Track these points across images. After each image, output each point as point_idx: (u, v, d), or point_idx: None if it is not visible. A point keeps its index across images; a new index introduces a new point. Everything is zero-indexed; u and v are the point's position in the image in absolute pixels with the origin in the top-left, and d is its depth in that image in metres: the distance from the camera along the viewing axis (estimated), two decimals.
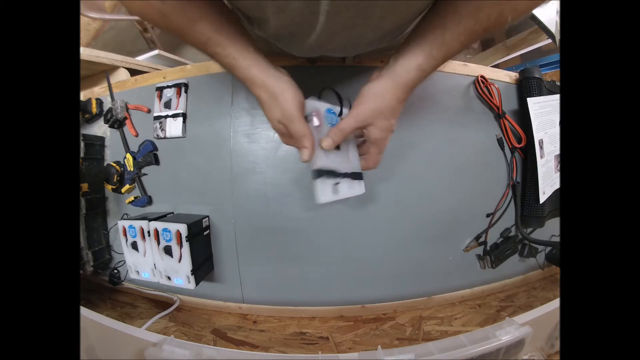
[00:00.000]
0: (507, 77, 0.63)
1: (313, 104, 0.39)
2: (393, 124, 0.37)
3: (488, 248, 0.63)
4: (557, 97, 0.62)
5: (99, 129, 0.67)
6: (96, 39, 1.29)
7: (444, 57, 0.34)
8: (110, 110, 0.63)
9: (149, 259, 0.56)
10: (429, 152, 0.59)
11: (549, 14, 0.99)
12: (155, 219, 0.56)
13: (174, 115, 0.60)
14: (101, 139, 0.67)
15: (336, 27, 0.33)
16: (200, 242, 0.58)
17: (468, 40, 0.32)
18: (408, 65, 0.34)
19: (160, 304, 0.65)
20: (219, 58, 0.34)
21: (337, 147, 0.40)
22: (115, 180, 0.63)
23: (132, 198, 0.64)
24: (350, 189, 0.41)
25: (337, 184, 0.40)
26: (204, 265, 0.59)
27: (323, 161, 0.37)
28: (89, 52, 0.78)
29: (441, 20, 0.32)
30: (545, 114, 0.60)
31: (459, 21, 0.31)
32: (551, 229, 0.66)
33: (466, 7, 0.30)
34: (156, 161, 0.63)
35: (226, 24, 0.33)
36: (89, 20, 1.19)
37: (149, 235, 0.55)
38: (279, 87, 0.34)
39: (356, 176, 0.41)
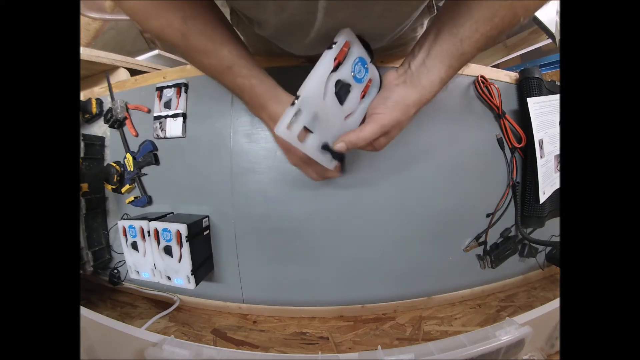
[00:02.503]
0: (507, 77, 0.63)
1: (349, 33, 0.33)
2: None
3: (488, 248, 0.63)
4: (557, 97, 0.61)
5: (99, 129, 0.67)
6: (96, 39, 1.30)
7: (462, 65, 0.34)
8: (110, 110, 0.63)
9: (149, 259, 0.56)
10: (428, 152, 0.59)
11: (549, 14, 0.99)
12: (155, 219, 0.56)
13: (174, 115, 0.60)
14: (101, 139, 0.67)
15: (334, 25, 0.34)
16: (200, 242, 0.58)
17: (485, 45, 0.32)
18: (432, 78, 0.34)
19: (160, 304, 0.65)
20: (237, 81, 0.35)
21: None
22: (115, 180, 0.63)
23: (132, 198, 0.64)
24: (317, 152, 0.38)
25: (308, 134, 0.36)
26: (204, 265, 0.59)
27: (309, 120, 0.35)
28: (89, 52, 0.78)
29: (458, 30, 0.32)
30: (545, 114, 0.60)
31: (475, 29, 0.31)
32: (551, 229, 0.66)
33: (482, 14, 0.30)
34: (156, 161, 0.63)
35: (247, 50, 0.34)
36: (89, 20, 1.19)
37: (149, 235, 0.55)
38: None
39: (327, 148, 0.38)
